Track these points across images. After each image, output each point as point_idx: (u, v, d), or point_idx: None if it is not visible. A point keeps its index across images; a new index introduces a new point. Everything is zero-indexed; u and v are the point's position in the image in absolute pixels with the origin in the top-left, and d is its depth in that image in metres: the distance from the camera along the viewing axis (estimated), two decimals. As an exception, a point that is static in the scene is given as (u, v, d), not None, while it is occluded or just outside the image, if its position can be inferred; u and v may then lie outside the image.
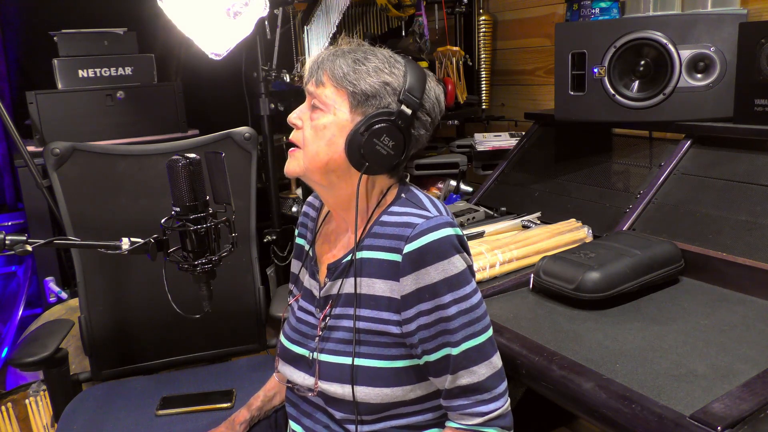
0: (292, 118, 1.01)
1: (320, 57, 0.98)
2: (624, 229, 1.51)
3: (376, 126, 0.93)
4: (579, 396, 0.99)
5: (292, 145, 1.02)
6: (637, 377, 0.99)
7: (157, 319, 1.60)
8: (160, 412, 1.42)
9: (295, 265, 1.19)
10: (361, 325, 0.97)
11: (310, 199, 1.19)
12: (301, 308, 1.10)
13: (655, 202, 1.52)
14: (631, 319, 1.20)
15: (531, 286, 1.37)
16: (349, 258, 1.00)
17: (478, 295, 0.96)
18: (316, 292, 1.07)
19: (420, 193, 1.02)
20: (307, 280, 1.11)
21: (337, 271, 1.02)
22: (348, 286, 1.00)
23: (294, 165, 1.00)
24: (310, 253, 1.12)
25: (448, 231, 0.92)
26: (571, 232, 1.54)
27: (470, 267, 0.96)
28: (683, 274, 1.36)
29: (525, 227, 1.66)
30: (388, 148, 0.94)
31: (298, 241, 1.19)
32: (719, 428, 0.82)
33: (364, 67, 0.95)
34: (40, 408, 1.91)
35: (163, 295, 1.15)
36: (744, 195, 1.38)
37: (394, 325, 0.95)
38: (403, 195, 1.01)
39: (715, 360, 1.02)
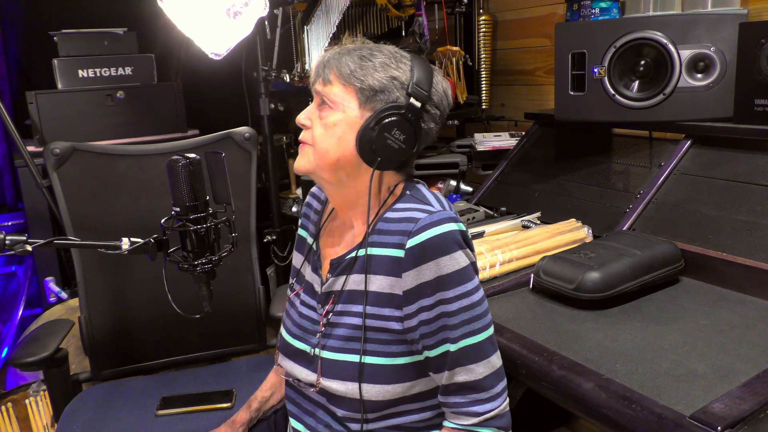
0: (301, 118, 1.01)
1: (326, 56, 0.99)
2: (624, 229, 1.51)
3: (387, 120, 0.94)
4: (579, 396, 0.99)
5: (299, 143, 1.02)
6: (637, 377, 0.98)
7: (157, 319, 1.60)
8: (160, 412, 1.42)
9: (296, 258, 1.18)
10: (366, 322, 0.97)
11: (314, 190, 1.19)
12: (303, 302, 1.10)
13: (655, 202, 1.52)
14: (631, 319, 1.20)
15: (531, 286, 1.37)
16: (353, 254, 1.00)
17: (480, 293, 0.95)
18: (317, 287, 1.07)
19: (425, 190, 1.02)
20: (309, 274, 1.11)
21: (340, 267, 1.02)
22: (351, 282, 1.00)
23: (304, 162, 1.00)
24: (314, 246, 1.12)
25: (451, 226, 0.92)
26: (571, 232, 1.54)
27: (473, 264, 0.96)
28: (683, 274, 1.36)
29: (525, 227, 1.66)
30: (399, 141, 0.95)
31: (300, 232, 1.18)
32: (719, 428, 0.82)
33: (370, 63, 0.95)
34: (40, 408, 1.91)
35: (163, 295, 1.15)
36: (744, 195, 1.38)
37: (396, 321, 0.95)
38: (407, 192, 1.01)
39: (715, 360, 1.02)
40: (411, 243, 0.91)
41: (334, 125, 0.96)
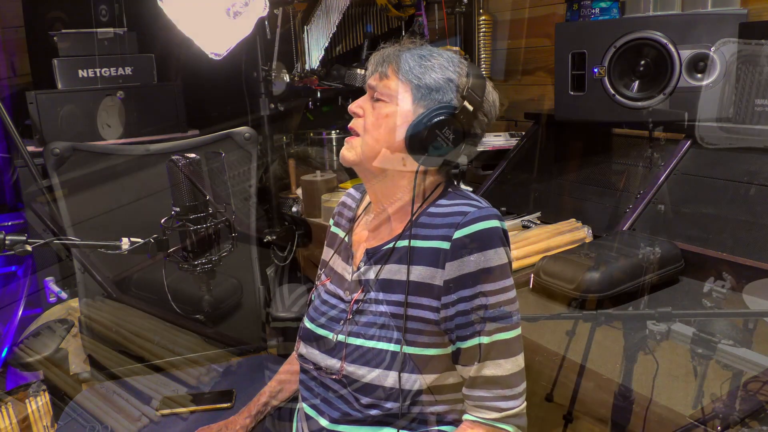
0: (353, 107, 1.03)
1: (385, 52, 1.01)
2: (624, 229, 1.51)
3: (438, 118, 0.96)
4: (579, 396, 0.99)
5: (347, 134, 1.04)
6: (637, 377, 0.99)
7: (157, 319, 1.60)
8: (161, 412, 1.42)
9: (326, 253, 1.20)
10: (397, 310, 0.97)
11: (350, 191, 1.22)
12: (328, 291, 1.11)
13: (655, 202, 1.52)
14: (631, 319, 1.20)
15: (531, 286, 1.37)
16: (390, 245, 1.01)
17: (515, 292, 0.97)
18: (347, 276, 1.08)
19: (466, 190, 1.05)
20: (339, 265, 1.12)
21: (376, 256, 1.03)
22: (386, 272, 1.00)
23: (351, 154, 1.02)
24: (346, 239, 1.13)
25: (496, 222, 0.95)
26: (571, 232, 1.54)
27: (510, 263, 0.98)
28: (683, 274, 1.36)
29: (525, 227, 1.66)
30: (447, 140, 0.97)
31: (333, 229, 1.20)
32: (719, 428, 0.82)
33: (429, 63, 0.98)
34: (40, 408, 1.91)
35: (163, 295, 1.15)
36: (744, 195, 1.38)
37: (432, 311, 0.95)
38: (450, 190, 1.04)
39: (715, 360, 1.02)
40: (459, 234, 0.93)
41: (386, 117, 0.99)
